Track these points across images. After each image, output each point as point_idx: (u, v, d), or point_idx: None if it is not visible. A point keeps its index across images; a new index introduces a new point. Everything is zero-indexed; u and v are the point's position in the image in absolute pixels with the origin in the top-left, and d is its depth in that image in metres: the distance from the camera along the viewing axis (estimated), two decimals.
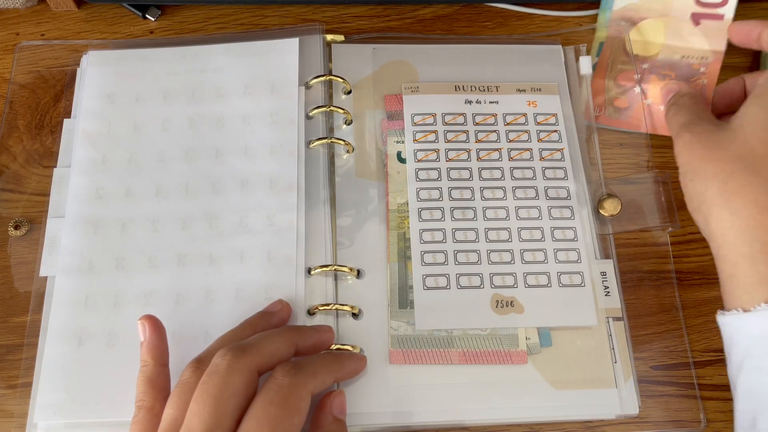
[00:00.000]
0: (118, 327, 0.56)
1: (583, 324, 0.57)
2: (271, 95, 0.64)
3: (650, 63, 0.67)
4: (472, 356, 0.55)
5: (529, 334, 0.56)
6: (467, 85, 0.66)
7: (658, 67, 0.66)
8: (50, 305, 0.57)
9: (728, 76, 0.62)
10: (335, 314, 0.57)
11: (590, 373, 0.55)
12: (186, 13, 0.72)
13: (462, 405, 0.54)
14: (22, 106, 0.66)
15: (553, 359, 0.56)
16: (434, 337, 0.56)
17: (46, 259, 0.59)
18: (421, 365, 0.55)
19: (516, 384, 0.55)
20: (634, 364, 0.56)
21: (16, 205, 0.62)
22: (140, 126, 0.64)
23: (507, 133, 0.64)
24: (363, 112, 0.65)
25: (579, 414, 0.55)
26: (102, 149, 0.62)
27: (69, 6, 0.71)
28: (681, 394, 0.57)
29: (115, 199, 0.60)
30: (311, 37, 0.67)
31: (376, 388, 0.55)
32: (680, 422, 0.56)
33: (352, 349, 0.55)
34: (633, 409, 0.55)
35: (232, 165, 0.61)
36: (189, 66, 0.66)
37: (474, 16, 0.72)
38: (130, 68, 0.66)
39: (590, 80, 0.67)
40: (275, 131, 0.63)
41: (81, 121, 0.64)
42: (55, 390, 0.54)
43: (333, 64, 0.67)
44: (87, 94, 0.65)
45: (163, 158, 0.62)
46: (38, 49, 0.69)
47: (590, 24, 0.71)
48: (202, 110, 0.64)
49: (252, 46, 0.67)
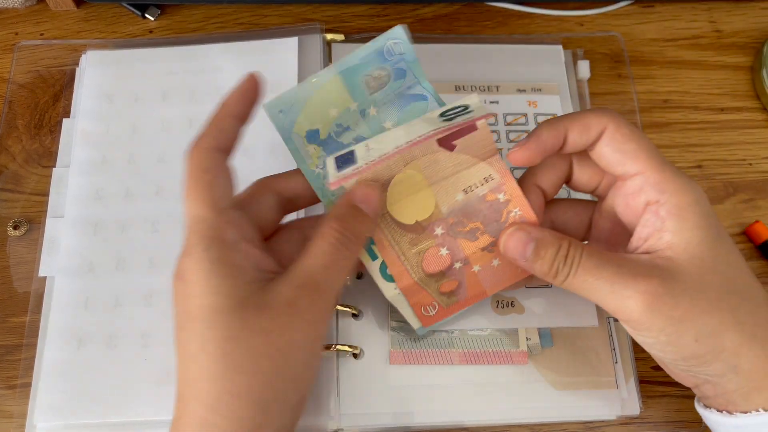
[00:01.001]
0: (118, 328, 0.56)
1: (583, 324, 0.57)
2: (270, 95, 0.63)
3: (436, 224, 0.49)
4: (473, 357, 0.55)
5: (529, 335, 0.56)
6: (468, 85, 0.66)
7: (451, 225, 0.49)
8: (50, 306, 0.57)
9: (721, 78, 0.63)
10: (336, 314, 0.57)
11: (591, 373, 0.55)
12: (185, 13, 0.71)
13: (462, 405, 0.54)
14: (21, 105, 0.66)
15: (554, 360, 0.56)
16: (435, 338, 0.56)
17: (45, 260, 0.59)
18: (421, 366, 0.55)
19: (517, 384, 0.55)
20: (635, 365, 0.56)
21: (14, 205, 0.62)
22: (139, 126, 0.63)
23: (507, 134, 0.64)
24: None
25: (580, 415, 0.55)
26: (101, 150, 0.62)
27: (68, 5, 0.70)
28: (682, 395, 0.56)
29: (115, 200, 0.60)
30: (311, 37, 0.67)
31: (376, 389, 0.55)
32: (681, 423, 0.56)
33: (351, 349, 0.55)
34: (634, 409, 0.55)
35: (233, 165, 0.61)
36: (188, 66, 0.66)
37: (474, 15, 0.72)
38: (129, 68, 0.66)
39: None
40: (275, 131, 0.62)
41: (80, 122, 0.63)
42: (55, 391, 0.54)
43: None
44: (86, 94, 0.65)
45: (162, 158, 0.62)
46: (37, 48, 0.69)
47: (590, 24, 0.71)
48: (202, 110, 0.63)
49: (251, 46, 0.66)
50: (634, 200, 0.46)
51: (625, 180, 0.47)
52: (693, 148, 0.66)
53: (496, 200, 0.48)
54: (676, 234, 0.44)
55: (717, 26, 0.71)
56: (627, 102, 0.67)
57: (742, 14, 0.71)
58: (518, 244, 0.47)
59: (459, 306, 0.52)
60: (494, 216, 0.49)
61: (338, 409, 0.54)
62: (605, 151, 0.46)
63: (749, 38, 0.71)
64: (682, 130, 0.66)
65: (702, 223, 0.44)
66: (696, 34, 0.71)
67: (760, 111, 0.68)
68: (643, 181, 0.45)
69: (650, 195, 0.45)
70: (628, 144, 0.46)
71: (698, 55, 0.70)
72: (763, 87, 0.67)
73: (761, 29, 0.71)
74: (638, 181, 0.46)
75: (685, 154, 0.66)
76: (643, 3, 0.72)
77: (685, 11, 0.72)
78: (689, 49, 0.70)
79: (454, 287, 0.51)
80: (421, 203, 0.48)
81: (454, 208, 0.48)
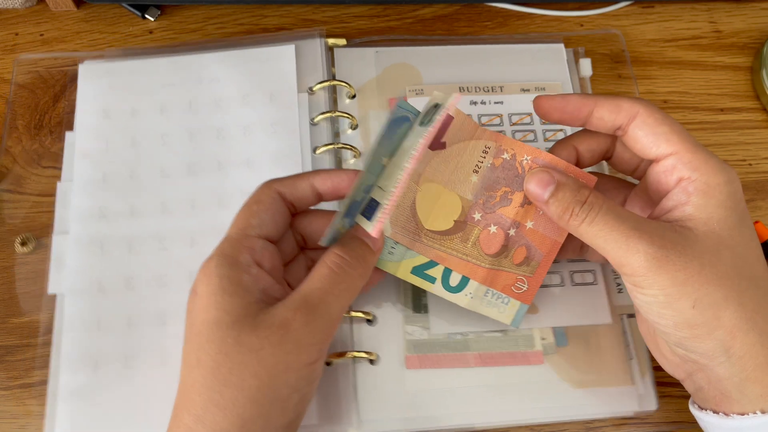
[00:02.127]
0: (134, 348, 0.55)
1: (597, 322, 0.57)
2: (270, 104, 0.63)
3: (471, 212, 0.52)
4: (489, 358, 0.56)
5: (544, 335, 0.57)
6: (471, 86, 0.66)
7: (483, 205, 0.51)
8: (61, 326, 0.56)
9: (721, 78, 0.63)
10: (350, 321, 0.57)
11: (607, 371, 0.56)
12: (185, 13, 0.71)
13: (480, 407, 0.55)
14: (21, 106, 0.65)
15: (569, 358, 0.56)
16: (450, 341, 0.56)
17: (54, 277, 0.58)
18: (438, 369, 0.55)
19: (534, 385, 0.55)
20: (650, 361, 0.56)
21: (17, 206, 0.61)
22: (139, 141, 0.62)
23: (513, 134, 0.64)
24: (368, 116, 0.65)
25: (597, 413, 0.55)
26: (102, 167, 0.61)
27: (68, 6, 0.70)
28: (681, 395, 0.56)
29: (120, 218, 0.59)
30: (312, 42, 0.67)
31: (394, 394, 0.55)
32: (681, 423, 0.56)
33: (367, 355, 0.55)
34: (651, 405, 0.55)
35: (236, 177, 0.61)
36: (184, 77, 0.65)
37: (474, 16, 0.72)
38: (124, 81, 0.64)
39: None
40: (277, 140, 0.62)
41: (78, 139, 0.62)
42: (74, 414, 0.53)
43: (336, 69, 0.66)
44: (81, 110, 0.63)
45: (165, 173, 0.61)
46: (38, 49, 0.68)
47: (590, 24, 0.71)
48: (201, 122, 0.63)
49: (248, 54, 0.66)
50: (666, 178, 0.47)
51: (659, 161, 0.47)
52: None
53: (504, 161, 0.51)
54: (699, 209, 0.45)
55: (717, 27, 0.72)
56: None
57: (741, 14, 0.72)
58: (538, 184, 0.49)
59: (543, 267, 0.53)
60: (512, 173, 0.51)
61: (357, 415, 0.54)
62: (639, 135, 0.47)
63: (749, 38, 0.71)
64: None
65: (728, 204, 0.45)
66: (696, 35, 0.71)
67: (760, 111, 0.68)
68: (677, 160, 0.46)
69: (682, 173, 0.45)
70: (661, 127, 0.46)
71: (698, 56, 0.70)
72: (762, 87, 0.67)
73: (761, 29, 0.71)
74: (671, 161, 0.46)
75: None
76: (642, 3, 0.73)
77: (685, 12, 0.72)
78: (689, 49, 0.71)
79: (526, 253, 0.52)
80: (449, 205, 0.52)
81: (476, 190, 0.51)
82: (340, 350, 0.55)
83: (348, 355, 0.55)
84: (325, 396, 0.54)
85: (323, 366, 0.49)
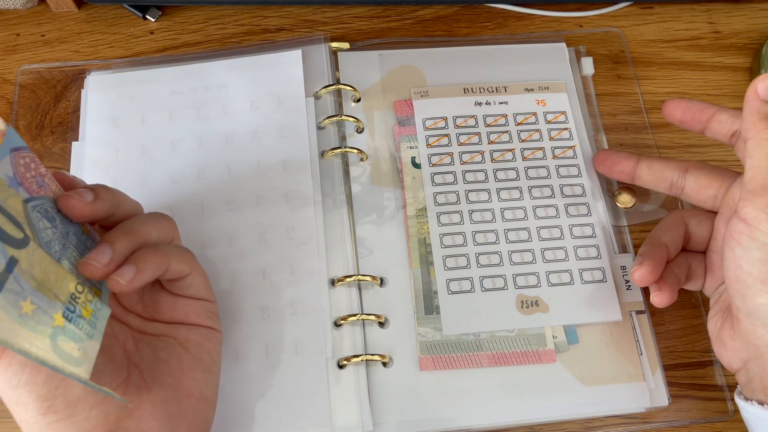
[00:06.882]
0: None
1: (608, 319, 0.58)
2: (278, 109, 0.63)
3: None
4: (502, 358, 0.56)
5: (555, 333, 0.57)
6: (476, 87, 0.66)
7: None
8: None
9: (720, 79, 0.64)
10: (362, 324, 0.57)
11: (618, 367, 0.56)
12: (186, 14, 0.71)
13: (494, 407, 0.55)
14: (22, 106, 0.65)
15: (581, 356, 0.56)
16: (462, 342, 0.56)
17: None
18: (451, 370, 0.55)
19: (546, 383, 0.55)
20: (660, 357, 0.57)
21: None
22: (148, 148, 0.62)
23: (519, 133, 0.64)
24: (374, 119, 0.65)
25: (610, 409, 0.55)
26: (112, 175, 0.61)
27: (69, 7, 0.69)
28: (681, 395, 0.57)
29: None
30: (316, 47, 0.67)
31: (408, 396, 0.55)
32: (707, 412, 0.57)
33: (380, 358, 0.55)
34: (663, 400, 0.56)
35: (246, 182, 0.61)
36: (192, 84, 0.65)
37: (474, 17, 0.72)
38: (132, 90, 0.64)
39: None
40: (286, 145, 0.62)
41: (87, 148, 0.62)
42: None
43: (340, 73, 0.67)
44: (90, 120, 0.63)
45: (175, 180, 0.61)
46: (39, 50, 0.68)
47: (589, 25, 0.72)
48: (210, 128, 0.63)
49: (255, 60, 0.66)
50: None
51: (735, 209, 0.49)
52: (692, 148, 0.66)
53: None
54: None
55: (716, 27, 0.72)
56: (630, 102, 0.68)
57: (740, 15, 0.72)
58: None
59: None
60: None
61: (371, 419, 0.54)
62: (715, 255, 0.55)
63: (748, 39, 0.71)
64: (681, 131, 0.66)
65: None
66: (695, 35, 0.72)
67: None
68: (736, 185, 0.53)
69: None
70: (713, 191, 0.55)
71: (697, 56, 0.71)
72: None
73: (760, 30, 0.72)
74: (735, 191, 0.53)
75: (684, 154, 0.66)
76: (642, 4, 0.73)
77: (684, 12, 0.73)
78: (688, 50, 0.71)
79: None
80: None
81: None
82: (353, 354, 0.56)
83: (361, 358, 0.55)
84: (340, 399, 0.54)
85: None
